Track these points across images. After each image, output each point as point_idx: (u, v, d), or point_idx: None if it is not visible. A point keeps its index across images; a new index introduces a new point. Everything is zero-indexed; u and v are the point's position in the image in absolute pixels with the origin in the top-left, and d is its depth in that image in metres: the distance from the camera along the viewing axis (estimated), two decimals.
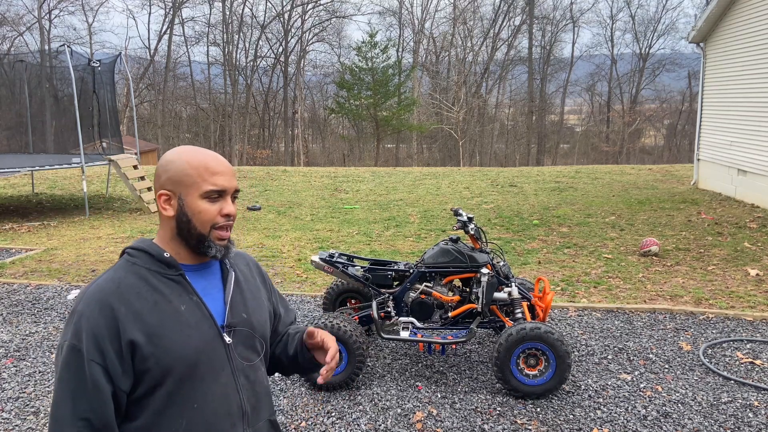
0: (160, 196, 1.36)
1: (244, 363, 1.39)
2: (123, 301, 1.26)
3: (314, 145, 45.59)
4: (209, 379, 1.32)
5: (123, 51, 27.15)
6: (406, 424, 3.36)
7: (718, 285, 5.84)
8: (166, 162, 1.36)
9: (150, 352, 1.24)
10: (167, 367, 1.26)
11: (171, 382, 1.27)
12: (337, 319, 3.71)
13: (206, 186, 1.33)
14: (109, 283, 1.29)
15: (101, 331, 1.23)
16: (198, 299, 1.34)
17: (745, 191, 10.26)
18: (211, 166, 1.35)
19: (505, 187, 13.14)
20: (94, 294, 1.27)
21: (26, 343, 4.56)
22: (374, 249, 7.49)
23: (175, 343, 1.27)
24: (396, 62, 34.88)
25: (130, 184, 10.41)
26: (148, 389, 1.27)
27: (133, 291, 1.28)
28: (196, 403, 1.30)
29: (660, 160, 37.20)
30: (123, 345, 1.23)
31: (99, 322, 1.23)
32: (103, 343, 1.22)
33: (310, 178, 15.50)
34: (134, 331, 1.24)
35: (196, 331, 1.30)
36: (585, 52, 46.67)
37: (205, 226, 1.34)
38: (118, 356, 1.23)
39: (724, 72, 11.28)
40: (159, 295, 1.30)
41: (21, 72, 12.63)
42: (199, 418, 1.30)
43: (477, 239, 4.13)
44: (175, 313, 1.29)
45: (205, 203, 1.34)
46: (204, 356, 1.31)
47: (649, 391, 3.71)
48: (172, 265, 1.34)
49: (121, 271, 1.32)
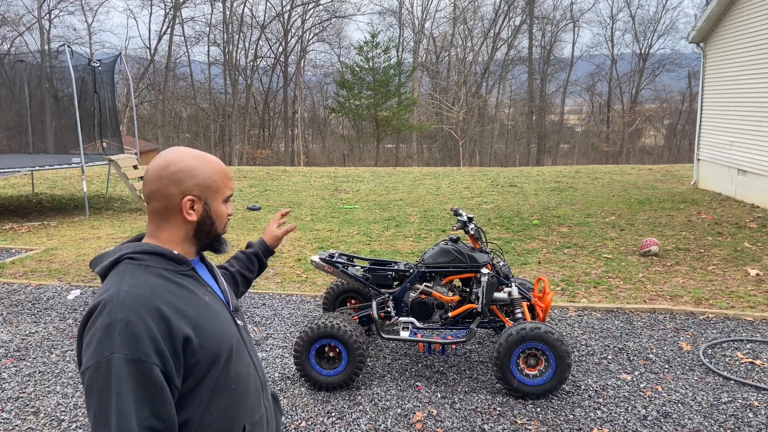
0: (186, 202, 1.36)
1: (252, 340, 1.54)
2: (163, 301, 1.26)
3: (314, 145, 45.59)
4: (237, 361, 1.40)
5: (123, 51, 27.15)
6: (406, 424, 3.36)
7: (718, 285, 5.84)
8: (186, 168, 1.36)
9: (199, 344, 1.29)
10: (213, 356, 1.31)
11: (215, 370, 1.33)
12: (337, 319, 3.71)
13: (227, 191, 1.45)
14: (141, 288, 1.26)
15: (155, 334, 1.21)
16: (211, 290, 1.44)
17: (745, 191, 10.26)
18: (228, 172, 1.47)
19: (505, 187, 13.14)
20: (131, 301, 1.23)
21: (26, 343, 4.56)
22: (374, 249, 7.49)
23: (215, 331, 1.34)
24: (397, 62, 34.89)
25: (130, 184, 10.41)
26: (197, 381, 1.30)
27: (165, 289, 1.29)
28: (233, 385, 1.38)
29: (660, 160, 37.22)
30: (177, 343, 1.24)
31: (150, 325, 1.21)
32: (159, 346, 1.21)
33: (310, 178, 15.51)
34: (184, 327, 1.26)
35: (223, 317, 1.40)
36: (585, 52, 46.76)
37: (222, 227, 1.47)
38: (173, 356, 1.24)
39: (724, 72, 11.28)
40: (185, 290, 1.34)
41: (21, 72, 12.63)
42: (235, 398, 1.38)
43: (477, 239, 4.13)
44: (205, 305, 1.36)
45: (223, 207, 1.46)
46: (233, 340, 1.40)
47: (649, 391, 3.71)
48: (183, 261, 1.38)
49: (140, 275, 1.29)
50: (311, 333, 3.67)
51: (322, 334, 3.66)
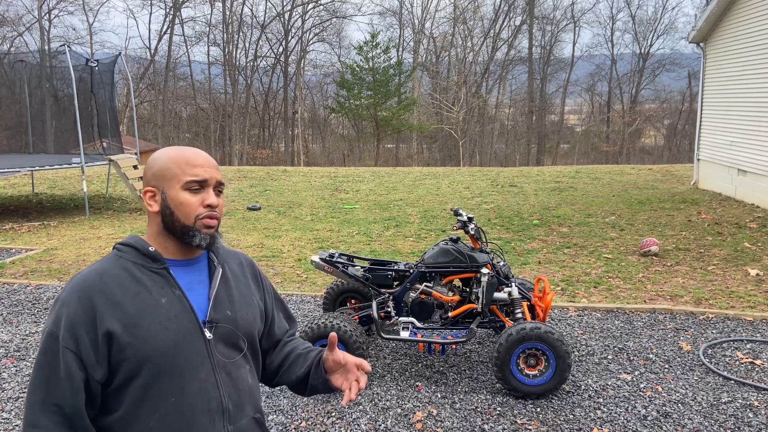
0: (145, 193, 1.40)
1: (225, 360, 1.39)
2: (104, 291, 1.29)
3: (314, 145, 45.57)
4: (187, 374, 1.32)
5: (123, 51, 27.12)
6: (406, 424, 3.36)
7: (718, 285, 5.84)
8: (151, 160, 1.42)
9: (127, 341, 1.27)
10: (143, 357, 1.27)
11: (147, 374, 1.28)
12: (337, 319, 3.71)
13: (186, 177, 1.36)
14: (93, 274, 1.32)
15: (78, 319, 1.26)
16: (180, 293, 1.35)
17: (745, 191, 10.26)
18: (191, 159, 1.38)
19: (505, 187, 13.14)
20: (77, 284, 1.30)
21: (26, 343, 4.56)
22: (374, 249, 7.49)
23: (152, 333, 1.29)
24: (397, 62, 34.89)
25: (130, 184, 10.42)
26: (124, 380, 1.28)
27: (116, 281, 1.31)
28: (173, 397, 1.31)
29: (660, 160, 37.19)
30: (99, 335, 1.26)
31: (77, 310, 1.26)
32: (78, 331, 1.25)
33: (310, 178, 15.50)
34: (112, 321, 1.27)
35: (174, 323, 1.31)
36: (585, 52, 46.71)
37: (189, 218, 1.36)
38: (93, 345, 1.26)
39: (724, 72, 11.28)
40: (141, 286, 1.32)
41: (21, 72, 12.64)
42: (176, 412, 1.31)
43: (477, 239, 4.13)
44: (155, 305, 1.31)
45: (186, 195, 1.36)
46: (182, 350, 1.31)
47: (649, 391, 3.71)
48: (156, 259, 1.36)
49: (107, 263, 1.35)
50: (311, 333, 3.67)
51: (322, 334, 3.66)
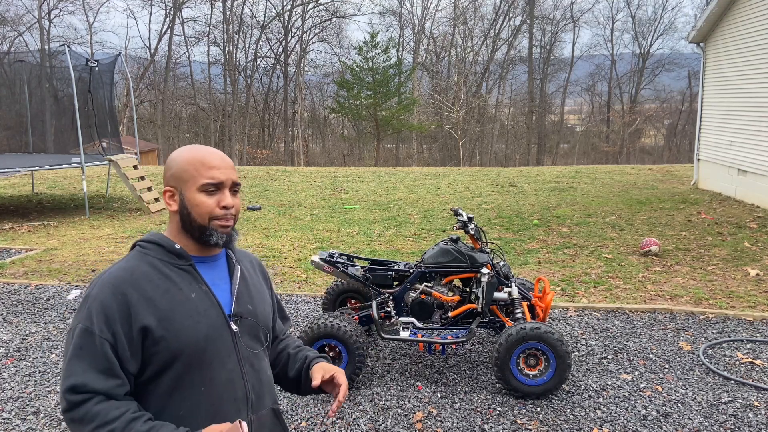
0: (165, 193, 1.44)
1: (250, 351, 1.46)
2: (136, 287, 1.33)
3: (314, 145, 45.57)
4: (216, 365, 1.38)
5: (123, 51, 27.13)
6: (406, 424, 3.36)
7: (718, 285, 5.84)
8: (169, 160, 1.46)
9: (161, 335, 1.31)
10: (176, 351, 1.32)
11: (179, 366, 1.34)
12: (337, 319, 3.71)
13: (202, 180, 1.40)
14: (123, 271, 1.35)
15: (113, 314, 1.30)
16: (207, 288, 1.42)
17: (745, 191, 10.26)
18: (208, 160, 1.41)
19: (505, 187, 13.14)
20: (108, 280, 1.34)
21: (26, 343, 4.56)
22: (374, 249, 7.49)
23: (185, 327, 1.34)
24: (397, 62, 34.88)
25: (130, 184, 10.41)
26: (156, 372, 1.33)
27: (146, 278, 1.35)
28: (203, 387, 1.37)
29: (660, 160, 37.20)
30: (135, 330, 1.30)
31: (111, 306, 1.30)
32: (114, 326, 1.29)
33: (310, 178, 15.50)
34: (147, 316, 1.31)
35: (204, 317, 1.38)
36: (585, 52, 46.65)
37: (204, 218, 1.40)
38: (128, 339, 1.30)
39: (724, 72, 11.28)
40: (170, 282, 1.37)
41: (21, 72, 12.63)
42: (205, 401, 1.37)
43: (477, 239, 4.13)
44: (186, 300, 1.36)
45: (202, 196, 1.40)
46: (212, 342, 1.37)
47: (649, 391, 3.71)
48: (182, 256, 1.41)
49: (133, 260, 1.39)
50: (311, 333, 3.67)
51: (322, 334, 3.66)
